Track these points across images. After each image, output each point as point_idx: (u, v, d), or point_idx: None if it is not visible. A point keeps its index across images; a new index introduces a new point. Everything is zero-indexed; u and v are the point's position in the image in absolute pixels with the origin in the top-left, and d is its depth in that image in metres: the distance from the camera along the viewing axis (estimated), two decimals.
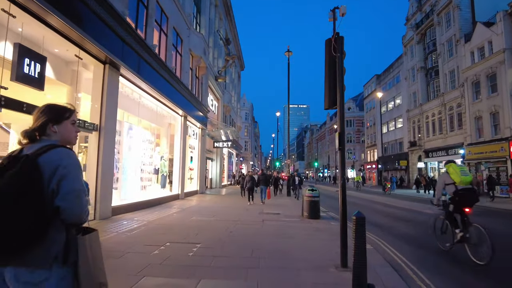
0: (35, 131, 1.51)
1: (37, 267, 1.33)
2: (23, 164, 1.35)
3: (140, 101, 12.16)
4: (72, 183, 1.42)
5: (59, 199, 1.38)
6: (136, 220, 8.45)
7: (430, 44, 32.50)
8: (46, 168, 1.37)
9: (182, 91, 14.62)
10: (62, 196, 1.38)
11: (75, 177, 1.45)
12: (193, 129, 17.94)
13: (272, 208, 12.60)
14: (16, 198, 1.29)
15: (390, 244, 6.97)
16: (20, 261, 1.30)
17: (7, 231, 1.26)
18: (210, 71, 21.62)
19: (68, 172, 1.42)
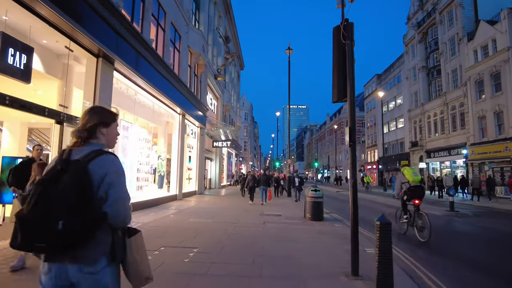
0: (86, 132, 1.59)
1: (91, 264, 1.46)
2: (75, 170, 1.45)
3: (136, 98, 11.72)
4: (118, 191, 1.52)
5: (107, 206, 1.48)
6: (134, 221, 8.01)
7: (432, 43, 32.13)
8: (95, 175, 1.47)
9: (180, 88, 14.19)
10: (109, 203, 1.49)
11: (121, 185, 1.56)
12: (191, 128, 17.51)
13: (273, 209, 12.17)
14: (74, 201, 1.39)
15: (401, 248, 6.53)
16: (76, 260, 1.43)
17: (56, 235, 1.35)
18: (209, 69, 21.20)
19: (115, 180, 1.52)
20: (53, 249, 1.39)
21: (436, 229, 8.09)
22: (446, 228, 9.68)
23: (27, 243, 1.39)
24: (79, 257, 1.44)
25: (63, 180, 1.42)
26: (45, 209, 1.37)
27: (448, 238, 8.00)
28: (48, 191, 1.41)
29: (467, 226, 10.06)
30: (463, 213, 12.14)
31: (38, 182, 1.45)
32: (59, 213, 1.36)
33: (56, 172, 1.46)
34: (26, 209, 1.39)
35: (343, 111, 67.05)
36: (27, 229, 1.36)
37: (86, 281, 1.46)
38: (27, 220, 1.37)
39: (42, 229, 1.35)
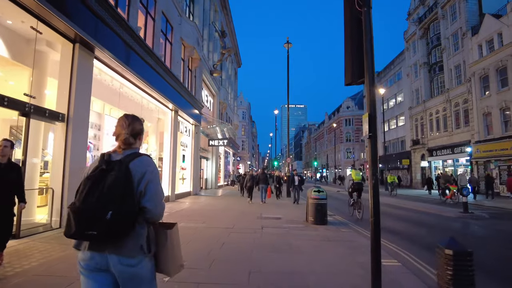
0: (132, 138, 1.82)
1: (131, 256, 1.62)
2: (119, 168, 1.65)
3: (122, 91, 10.81)
4: (156, 186, 1.73)
5: (146, 200, 1.68)
6: None
7: (434, 39, 31.33)
8: (136, 173, 1.67)
9: (172, 82, 13.28)
10: (148, 197, 1.68)
11: (157, 182, 1.76)
12: (185, 125, 16.60)
13: (272, 211, 11.30)
14: (119, 194, 1.59)
15: (419, 257, 5.66)
16: (117, 250, 1.61)
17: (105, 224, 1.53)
18: (204, 64, 20.29)
19: (153, 177, 1.73)
20: (102, 236, 1.55)
21: (455, 233, 7.19)
22: (464, 232, 8.82)
23: (80, 232, 1.55)
24: (120, 247, 1.61)
25: (109, 177, 1.62)
26: (96, 201, 1.57)
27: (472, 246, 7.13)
28: (97, 187, 1.60)
29: (486, 230, 9.21)
30: (478, 215, 11.26)
31: (86, 178, 1.64)
32: (108, 205, 1.56)
33: (101, 170, 1.65)
34: (78, 201, 1.59)
35: (342, 109, 66.29)
36: (80, 219, 1.55)
37: (125, 273, 1.63)
38: (80, 211, 1.56)
39: (93, 218, 1.54)
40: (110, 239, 1.57)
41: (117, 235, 1.56)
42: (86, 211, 1.55)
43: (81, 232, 1.55)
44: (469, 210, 11.30)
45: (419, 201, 18.38)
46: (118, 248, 1.60)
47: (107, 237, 1.55)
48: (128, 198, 1.60)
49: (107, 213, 1.52)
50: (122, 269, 1.62)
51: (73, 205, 1.59)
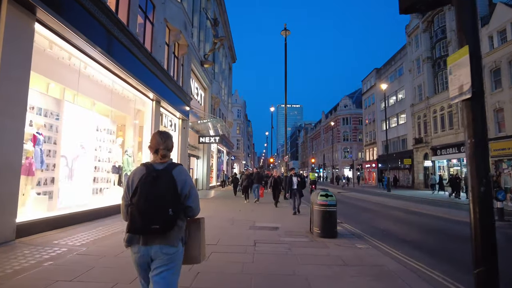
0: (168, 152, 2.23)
1: (173, 245, 2.01)
2: (166, 175, 2.04)
3: (87, 74, 8.96)
4: (195, 190, 2.19)
5: (191, 201, 2.13)
6: (59, 244, 5.26)
7: (439, 32, 29.76)
8: (178, 179, 2.07)
9: (152, 67, 11.44)
10: (192, 199, 2.13)
11: (195, 187, 2.23)
12: (170, 118, 14.74)
13: (268, 218, 9.51)
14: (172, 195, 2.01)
15: None
16: (164, 241, 1.98)
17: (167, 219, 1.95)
18: (194, 53, 18.44)
19: (192, 183, 2.17)
20: (163, 229, 1.93)
21: (501, 250, 5.50)
22: (510, 247, 7.09)
23: (146, 226, 1.92)
24: (166, 238, 1.98)
25: (161, 183, 2.00)
26: (156, 202, 1.94)
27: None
28: (152, 190, 1.97)
29: None
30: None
31: (141, 182, 2.01)
32: (168, 203, 1.96)
33: (152, 177, 2.02)
34: (139, 201, 1.94)
35: (339, 108, 64.75)
36: (145, 216, 1.92)
37: (162, 259, 2.00)
38: (145, 210, 1.92)
39: (157, 214, 1.93)
40: (167, 231, 1.95)
41: (172, 227, 1.98)
42: (151, 209, 1.93)
43: (147, 227, 1.92)
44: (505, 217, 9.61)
45: (434, 205, 16.69)
46: (165, 240, 1.98)
47: (166, 230, 1.94)
48: (177, 199, 2.03)
49: (169, 210, 1.94)
50: (160, 255, 1.99)
51: (135, 206, 1.95)
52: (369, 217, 11.14)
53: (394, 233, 8.19)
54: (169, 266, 2.01)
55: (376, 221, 10.34)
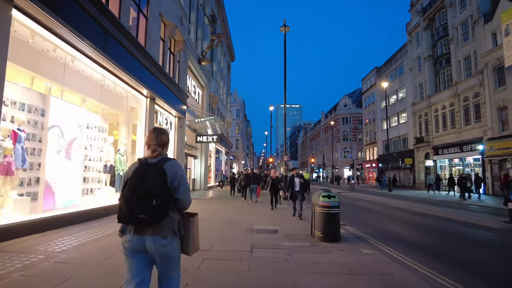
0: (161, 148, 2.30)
1: (165, 236, 2.08)
2: (156, 168, 2.11)
3: (75, 68, 8.49)
4: (186, 183, 2.23)
5: (180, 193, 2.16)
6: (37, 250, 4.78)
7: (440, 29, 29.33)
8: (169, 172, 2.13)
9: (146, 63, 10.96)
10: (181, 192, 2.17)
11: (187, 180, 2.28)
12: (165, 116, 14.26)
13: (266, 221, 9.04)
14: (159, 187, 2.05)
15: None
16: (155, 232, 2.05)
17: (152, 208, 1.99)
18: (191, 50, 17.97)
19: (183, 176, 2.23)
20: (149, 218, 1.99)
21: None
22: None
23: (133, 216, 2.00)
24: (157, 229, 2.05)
25: (150, 175, 2.07)
26: (143, 192, 2.01)
27: None
28: (141, 182, 2.04)
29: None
30: None
31: (132, 175, 2.10)
32: (153, 194, 2.01)
33: (143, 170, 2.10)
34: (128, 193, 2.03)
35: (339, 107, 64.33)
36: (133, 206, 2.00)
37: (158, 252, 2.08)
38: (133, 200, 2.01)
39: (143, 205, 1.99)
40: (154, 220, 2.01)
41: (159, 217, 2.02)
42: (137, 199, 2.00)
43: (134, 216, 1.99)
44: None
45: (440, 206, 16.24)
46: (156, 230, 2.04)
47: (152, 219, 2.00)
48: (165, 191, 2.06)
49: (153, 201, 1.99)
50: (156, 248, 2.06)
51: (124, 196, 2.04)
52: (372, 219, 10.68)
53: (400, 236, 7.73)
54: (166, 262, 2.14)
55: (380, 223, 9.88)
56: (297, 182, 9.67)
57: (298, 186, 9.62)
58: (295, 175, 9.91)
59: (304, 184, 9.76)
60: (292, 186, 9.76)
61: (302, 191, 9.64)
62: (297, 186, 9.62)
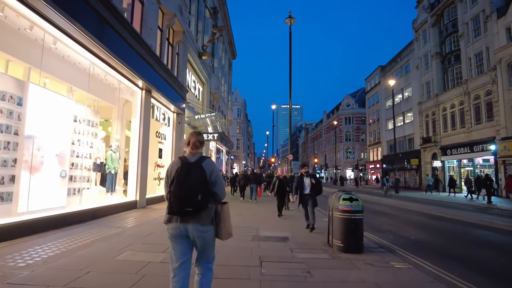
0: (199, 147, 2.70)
1: (205, 224, 2.48)
2: (197, 166, 2.51)
3: (59, 52, 7.55)
4: (221, 179, 2.62)
5: (216, 188, 2.56)
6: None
7: (449, 26, 28.35)
8: (207, 169, 2.52)
9: (141, 51, 10.01)
10: (218, 186, 2.56)
11: (220, 176, 2.67)
12: (163, 111, 13.30)
13: (273, 225, 8.08)
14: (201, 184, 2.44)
15: None
16: (197, 220, 2.44)
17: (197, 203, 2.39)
18: (191, 42, 17.03)
19: (218, 173, 2.62)
20: (195, 211, 2.39)
21: None
22: None
23: (181, 209, 2.38)
24: (199, 218, 2.43)
25: (193, 173, 2.44)
26: (189, 188, 2.40)
27: None
28: (186, 179, 2.41)
29: None
30: None
31: (177, 173, 2.46)
32: (197, 190, 2.40)
33: (186, 169, 2.47)
34: (176, 190, 2.39)
35: (342, 107, 63.35)
36: (181, 201, 2.37)
37: (199, 237, 2.46)
38: (181, 195, 2.38)
39: (190, 199, 2.37)
40: (198, 212, 2.40)
41: (202, 209, 2.42)
42: (185, 195, 2.38)
43: (182, 209, 2.38)
44: None
45: (459, 209, 15.27)
46: (198, 219, 2.43)
47: (197, 211, 2.39)
48: (206, 186, 2.46)
49: (198, 196, 2.38)
50: (198, 234, 2.44)
51: (173, 192, 2.40)
52: (388, 223, 9.70)
53: (430, 244, 6.77)
54: (205, 245, 2.52)
55: (400, 228, 8.91)
56: (307, 183, 7.58)
57: (309, 188, 7.53)
58: (305, 175, 7.75)
59: (317, 186, 7.56)
60: (301, 187, 7.68)
61: (314, 194, 7.54)
62: (307, 188, 7.56)
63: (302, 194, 7.67)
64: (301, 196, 7.70)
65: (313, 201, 7.50)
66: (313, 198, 7.51)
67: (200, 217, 2.43)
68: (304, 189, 7.64)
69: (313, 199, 7.50)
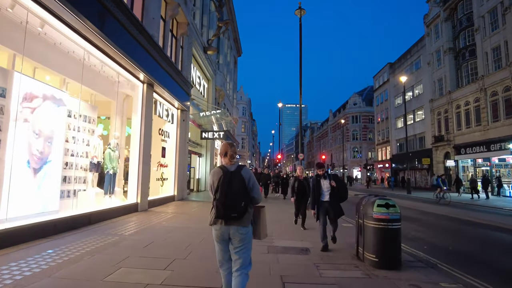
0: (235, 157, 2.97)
1: (246, 226, 2.74)
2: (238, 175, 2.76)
3: (50, 39, 6.77)
4: (257, 184, 2.91)
5: (254, 193, 2.82)
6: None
7: (463, 19, 27.26)
8: (245, 177, 2.77)
9: (143, 41, 9.22)
10: (255, 191, 2.82)
11: (256, 181, 2.95)
12: (166, 107, 12.50)
13: (288, 232, 7.23)
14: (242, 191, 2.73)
15: None
16: (239, 223, 2.70)
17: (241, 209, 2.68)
18: (195, 36, 16.23)
19: (254, 179, 2.88)
20: (239, 216, 2.67)
21: None
22: None
23: (227, 214, 2.65)
24: (240, 221, 2.70)
25: (235, 182, 2.72)
26: (233, 196, 2.67)
27: None
28: (229, 188, 2.68)
29: None
30: None
31: (221, 182, 2.71)
32: (240, 198, 2.69)
33: (228, 178, 2.72)
34: (222, 198, 2.66)
35: (349, 105, 62.23)
36: (226, 208, 2.64)
37: (240, 237, 2.72)
38: (227, 204, 2.65)
39: (234, 206, 2.66)
40: (240, 217, 2.68)
41: (244, 214, 2.70)
42: (230, 203, 2.65)
43: (228, 215, 2.65)
44: None
45: (480, 212, 14.29)
46: (240, 222, 2.70)
47: (240, 216, 2.67)
48: (246, 193, 2.74)
49: (242, 203, 2.68)
50: (239, 235, 2.71)
51: (219, 200, 2.67)
52: (416, 229, 8.77)
53: (473, 256, 5.89)
54: (244, 244, 2.74)
55: (429, 234, 8.02)
56: (326, 186, 5.78)
57: (328, 193, 5.74)
58: (322, 176, 5.89)
59: (340, 189, 5.75)
60: (318, 192, 5.84)
61: (336, 201, 5.71)
62: (325, 193, 5.77)
63: (319, 201, 5.82)
64: (318, 203, 5.81)
65: (335, 211, 5.69)
66: (335, 207, 5.69)
67: (242, 220, 2.70)
68: (322, 195, 5.80)
69: (334, 208, 5.68)
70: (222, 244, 2.77)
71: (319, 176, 5.92)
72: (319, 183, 5.87)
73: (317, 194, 5.84)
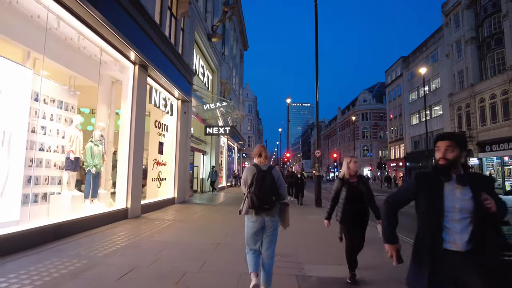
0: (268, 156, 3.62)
1: (274, 216, 3.28)
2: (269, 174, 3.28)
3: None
4: (283, 182, 3.43)
5: (281, 189, 3.34)
6: None
7: (488, 6, 25.20)
8: (275, 175, 3.29)
9: (134, 12, 7.54)
10: (282, 188, 3.34)
11: (283, 180, 3.46)
12: (164, 96, 10.81)
13: (321, 252, 5.49)
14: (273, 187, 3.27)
15: None
16: (269, 214, 3.24)
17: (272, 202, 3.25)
18: (198, 20, 14.55)
19: (282, 178, 3.40)
20: (270, 208, 3.22)
21: None
22: None
23: (260, 206, 3.18)
24: (270, 212, 3.24)
25: (267, 179, 3.24)
26: (266, 190, 3.20)
27: None
28: (262, 184, 3.20)
29: None
30: None
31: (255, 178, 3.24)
32: (271, 192, 3.25)
33: (262, 176, 3.24)
34: (257, 191, 3.18)
35: (358, 102, 60.20)
36: (260, 200, 3.16)
37: (270, 226, 3.26)
38: (260, 197, 3.17)
39: (267, 199, 3.20)
40: (271, 209, 3.23)
41: (274, 207, 3.25)
42: (263, 196, 3.18)
43: (261, 207, 3.18)
44: None
45: None
46: (269, 213, 3.24)
47: (271, 208, 3.23)
48: (275, 189, 3.28)
49: (272, 197, 3.24)
50: (269, 224, 3.25)
51: (253, 193, 3.18)
52: None
53: None
54: (273, 231, 3.30)
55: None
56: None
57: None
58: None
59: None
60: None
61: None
62: None
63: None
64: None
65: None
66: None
67: (272, 212, 3.24)
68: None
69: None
70: (257, 234, 3.27)
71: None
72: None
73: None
